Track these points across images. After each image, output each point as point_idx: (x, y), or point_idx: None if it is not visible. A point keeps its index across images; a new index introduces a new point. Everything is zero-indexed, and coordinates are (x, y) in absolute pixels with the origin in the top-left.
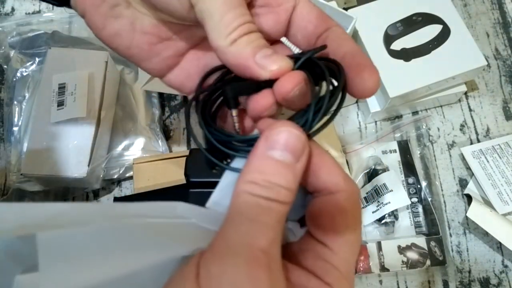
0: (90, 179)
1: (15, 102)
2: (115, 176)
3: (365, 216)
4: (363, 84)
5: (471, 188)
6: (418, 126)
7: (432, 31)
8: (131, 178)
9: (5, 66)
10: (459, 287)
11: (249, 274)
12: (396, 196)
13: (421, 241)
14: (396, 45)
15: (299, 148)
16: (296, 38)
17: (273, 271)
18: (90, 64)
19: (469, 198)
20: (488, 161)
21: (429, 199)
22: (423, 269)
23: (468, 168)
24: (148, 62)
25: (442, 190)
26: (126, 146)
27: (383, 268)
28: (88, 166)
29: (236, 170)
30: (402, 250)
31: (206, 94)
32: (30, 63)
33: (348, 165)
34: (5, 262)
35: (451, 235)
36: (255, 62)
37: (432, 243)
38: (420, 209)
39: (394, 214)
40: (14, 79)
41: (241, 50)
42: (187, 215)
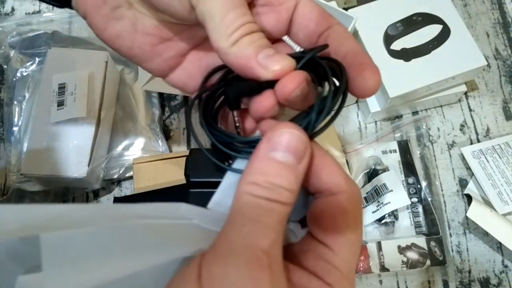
0: (90, 179)
1: (15, 102)
2: (115, 176)
3: (365, 216)
4: (365, 83)
5: (471, 188)
6: (418, 126)
7: (432, 31)
8: (131, 178)
9: (5, 66)
10: (459, 287)
11: (250, 275)
12: (396, 196)
13: (421, 241)
14: (396, 45)
15: (301, 149)
16: (297, 37)
17: (274, 272)
18: (90, 64)
19: (469, 198)
20: (488, 161)
21: (429, 199)
22: (423, 269)
23: (468, 168)
24: (150, 63)
25: (442, 190)
26: (126, 146)
27: (383, 268)
28: (88, 166)
29: (237, 171)
30: (402, 250)
31: (208, 94)
32: (30, 63)
33: (348, 165)
34: (7, 263)
35: (451, 235)
36: (257, 63)
37: (432, 243)
38: (420, 209)
39: (394, 214)
40: (14, 79)
41: (242, 51)
42: (188, 215)
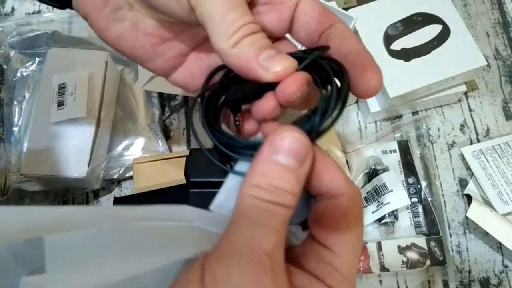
0: (90, 179)
1: (15, 102)
2: (115, 176)
3: (365, 216)
4: (366, 84)
5: (471, 188)
6: (418, 126)
7: (432, 31)
8: (131, 178)
9: (5, 66)
10: (459, 287)
11: (253, 277)
12: (396, 196)
13: (421, 241)
14: (396, 45)
15: (303, 152)
16: (299, 35)
17: (277, 274)
18: (90, 64)
19: (469, 198)
20: (488, 161)
21: (429, 199)
22: (423, 269)
23: (468, 168)
24: (152, 63)
25: (442, 190)
26: (126, 146)
27: (383, 268)
28: (88, 166)
29: (239, 174)
30: (402, 250)
31: (210, 93)
32: (30, 63)
33: (348, 165)
34: (11, 264)
35: (451, 235)
36: (258, 64)
37: (432, 243)
38: (420, 209)
39: (394, 214)
40: (14, 79)
41: (243, 52)
42: (191, 218)
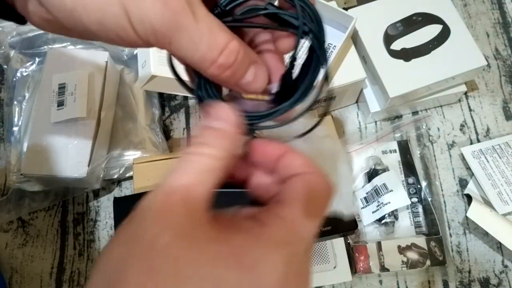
0: (90, 179)
1: (15, 102)
2: (115, 176)
3: (365, 216)
4: None
5: (471, 188)
6: (418, 126)
7: (432, 31)
8: (131, 178)
9: (5, 66)
10: (459, 287)
11: (164, 202)
12: (396, 196)
13: (421, 241)
14: (396, 45)
15: (222, 116)
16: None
17: (186, 203)
18: (90, 64)
19: (469, 198)
20: (488, 161)
21: (429, 199)
22: (423, 269)
23: (468, 168)
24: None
25: (442, 190)
26: (126, 146)
27: (383, 268)
28: (88, 166)
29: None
30: (402, 250)
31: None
32: (30, 63)
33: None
34: None
35: (451, 235)
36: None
37: (432, 243)
38: (420, 209)
39: (394, 214)
40: (14, 79)
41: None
42: None
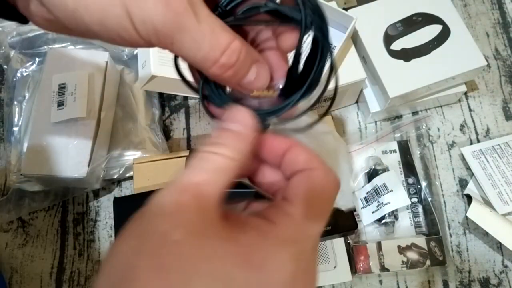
0: (90, 179)
1: (15, 102)
2: (115, 176)
3: (365, 216)
4: None
5: (471, 188)
6: (418, 126)
7: (432, 31)
8: (131, 178)
9: (5, 66)
10: (459, 287)
11: (176, 199)
12: (396, 196)
13: (421, 241)
14: (396, 45)
15: (239, 119)
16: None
17: (198, 200)
18: (90, 64)
19: (469, 198)
20: (488, 161)
21: (429, 199)
22: (423, 269)
23: (468, 168)
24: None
25: (442, 190)
26: (126, 146)
27: (383, 268)
28: (88, 166)
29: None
30: (402, 250)
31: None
32: (30, 63)
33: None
34: None
35: (451, 235)
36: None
37: (432, 243)
38: (420, 209)
39: (394, 214)
40: (14, 79)
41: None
42: None
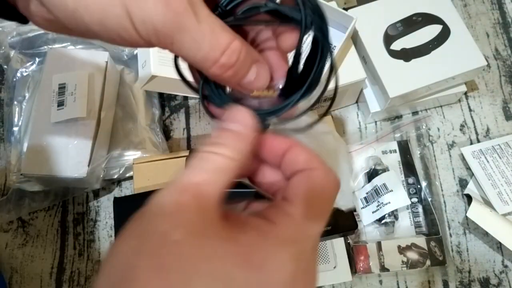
0: (90, 179)
1: (15, 102)
2: (115, 176)
3: (365, 216)
4: None
5: (471, 188)
6: (418, 126)
7: (432, 31)
8: (131, 178)
9: (5, 66)
10: (459, 287)
11: (176, 199)
12: (396, 196)
13: (421, 241)
14: (396, 45)
15: (239, 118)
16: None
17: (198, 200)
18: (90, 64)
19: (469, 198)
20: (488, 161)
21: (429, 199)
22: (423, 269)
23: (468, 168)
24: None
25: (442, 190)
26: (126, 146)
27: (383, 268)
28: (88, 166)
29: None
30: (402, 250)
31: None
32: (30, 63)
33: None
34: None
35: (451, 235)
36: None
37: (432, 243)
38: (420, 209)
39: (394, 214)
40: (14, 79)
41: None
42: None
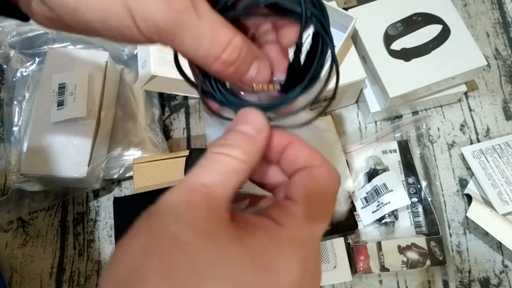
0: (90, 179)
1: (15, 102)
2: (115, 176)
3: (365, 216)
4: None
5: (471, 188)
6: (418, 126)
7: (432, 31)
8: (131, 178)
9: (5, 66)
10: (459, 287)
11: (187, 200)
12: (396, 196)
13: (421, 241)
14: (396, 45)
15: (252, 121)
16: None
17: (208, 201)
18: (90, 64)
19: (469, 198)
20: (488, 161)
21: (429, 199)
22: (423, 269)
23: (468, 168)
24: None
25: (442, 190)
26: (126, 146)
27: (383, 268)
28: (88, 166)
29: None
30: (402, 250)
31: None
32: (30, 63)
33: (348, 165)
34: None
35: (451, 235)
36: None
37: (432, 243)
38: (420, 209)
39: (394, 214)
40: (14, 79)
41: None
42: None
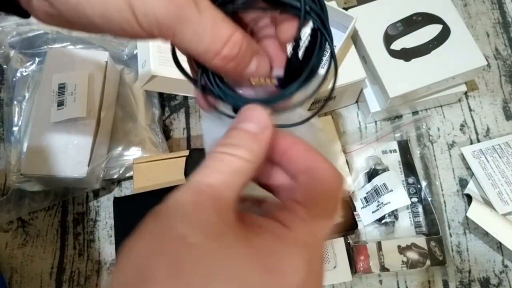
0: (90, 179)
1: (15, 102)
2: (115, 176)
3: (365, 216)
4: None
5: (471, 188)
6: (418, 126)
7: (432, 31)
8: (131, 178)
9: (5, 66)
10: (459, 287)
11: (193, 200)
12: (396, 196)
13: (421, 241)
14: (396, 45)
15: (256, 118)
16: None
17: (215, 202)
18: (90, 64)
19: (469, 198)
20: (488, 161)
21: (429, 199)
22: (423, 269)
23: (468, 168)
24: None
25: (442, 190)
26: (126, 146)
27: (383, 268)
28: (88, 166)
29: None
30: (402, 250)
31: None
32: (30, 63)
33: (348, 165)
34: None
35: (451, 235)
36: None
37: (432, 243)
38: (420, 209)
39: (394, 214)
40: (14, 79)
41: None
42: None
